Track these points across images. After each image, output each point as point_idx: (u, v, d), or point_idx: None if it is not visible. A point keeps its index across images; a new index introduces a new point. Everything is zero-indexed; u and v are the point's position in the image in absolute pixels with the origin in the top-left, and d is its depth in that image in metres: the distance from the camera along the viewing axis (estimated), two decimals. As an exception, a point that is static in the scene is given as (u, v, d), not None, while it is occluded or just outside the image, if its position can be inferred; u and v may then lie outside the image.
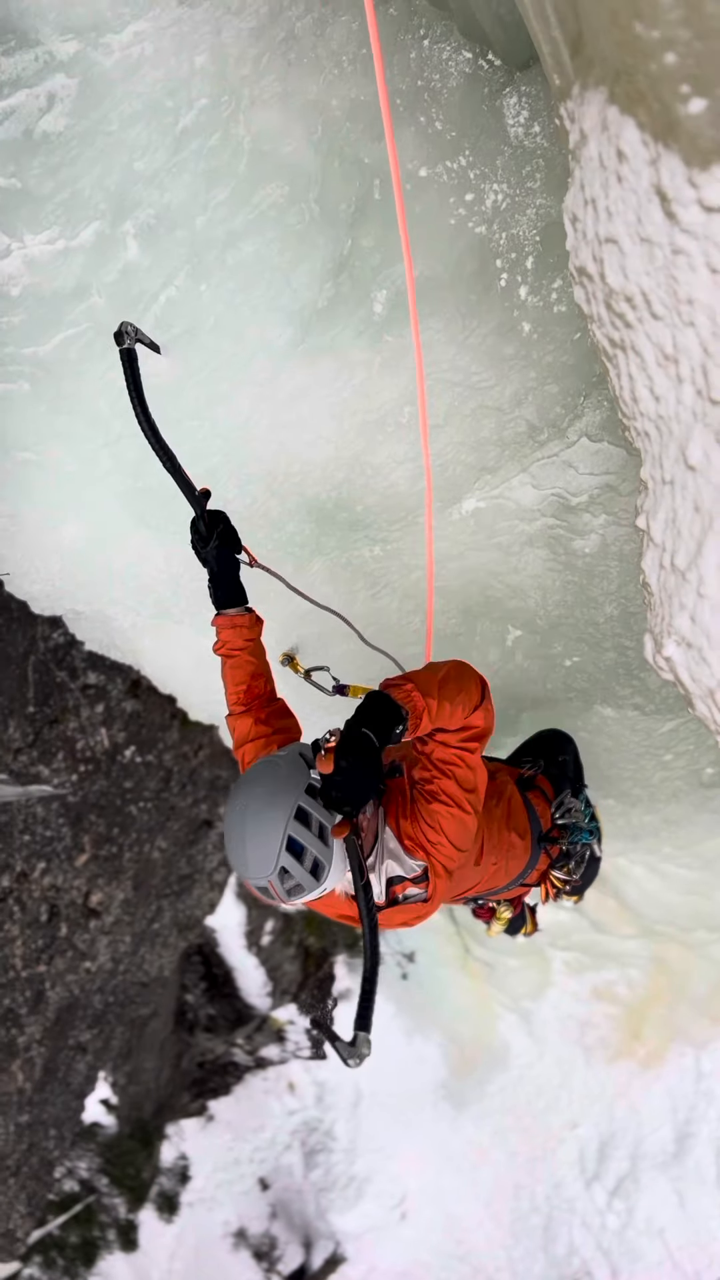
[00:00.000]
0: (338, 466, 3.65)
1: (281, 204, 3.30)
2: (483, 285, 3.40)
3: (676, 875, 8.89)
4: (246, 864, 2.34)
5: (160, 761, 8.31)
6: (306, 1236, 13.70)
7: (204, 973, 12.28)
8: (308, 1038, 12.77)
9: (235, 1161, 13.65)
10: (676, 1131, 12.35)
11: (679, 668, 2.47)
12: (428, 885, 2.66)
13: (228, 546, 3.06)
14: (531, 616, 4.19)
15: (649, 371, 2.36)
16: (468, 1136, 13.40)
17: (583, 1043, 12.56)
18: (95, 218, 3.34)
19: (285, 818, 2.34)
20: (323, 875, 2.36)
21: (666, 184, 2.03)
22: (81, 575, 4.09)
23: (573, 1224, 12.87)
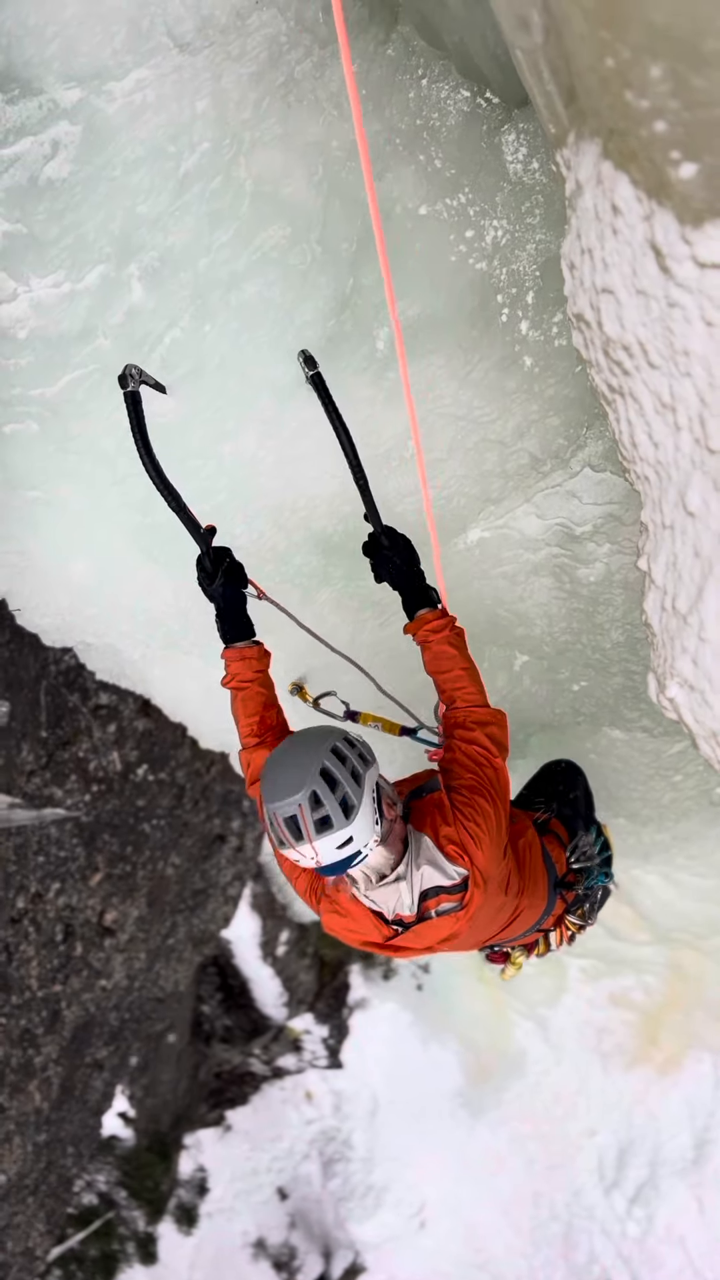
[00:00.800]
0: (344, 500, 3.68)
1: (283, 244, 3.34)
2: (484, 320, 3.43)
3: (691, 884, 8.89)
4: (277, 787, 2.35)
5: (173, 779, 8.35)
6: (326, 1246, 13.69)
7: (220, 984, 12.31)
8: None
9: (253, 1171, 13.66)
10: (695, 1138, 12.32)
11: (682, 709, 2.49)
12: (464, 896, 2.65)
13: (233, 583, 3.10)
14: (538, 643, 4.22)
15: (647, 418, 2.39)
16: (485, 1144, 13.39)
17: (600, 1049, 12.54)
18: (100, 261, 3.38)
19: (322, 750, 2.40)
20: (352, 815, 2.33)
21: (660, 240, 2.05)
22: (90, 610, 4.14)
23: (593, 1232, 12.83)
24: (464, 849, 2.62)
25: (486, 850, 2.66)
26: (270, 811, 2.36)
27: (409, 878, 2.58)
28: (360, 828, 2.36)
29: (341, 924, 2.73)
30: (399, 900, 2.60)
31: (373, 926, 2.68)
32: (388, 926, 2.68)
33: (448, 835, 2.63)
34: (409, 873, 2.58)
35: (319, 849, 2.33)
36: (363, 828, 2.37)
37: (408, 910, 2.62)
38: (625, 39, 1.69)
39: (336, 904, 2.70)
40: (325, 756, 2.38)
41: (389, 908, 2.62)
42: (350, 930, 2.74)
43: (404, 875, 2.57)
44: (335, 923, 2.74)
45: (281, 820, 2.33)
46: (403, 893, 2.58)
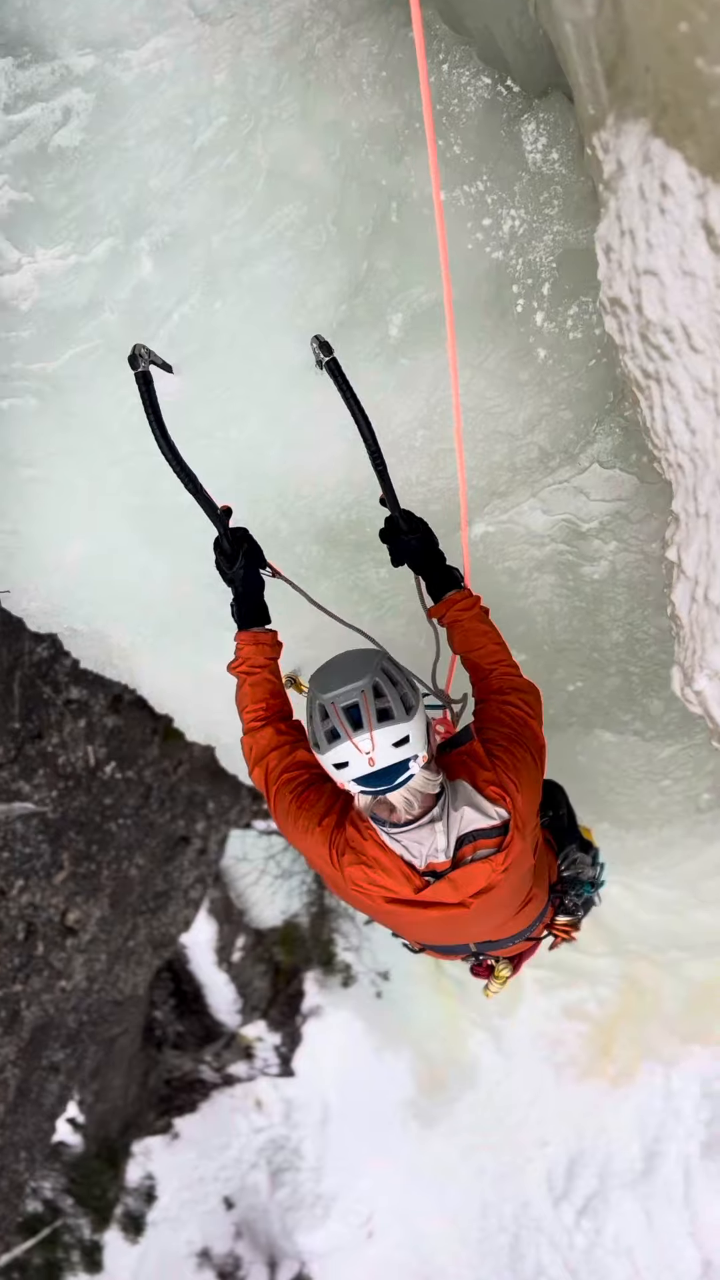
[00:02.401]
0: (349, 489, 3.62)
1: (298, 224, 3.28)
2: (499, 310, 3.39)
3: (652, 895, 8.93)
4: (337, 677, 2.30)
5: (140, 777, 8.23)
6: (271, 1256, 13.56)
7: (173, 989, 12.16)
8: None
9: (200, 1180, 13.49)
10: (645, 1150, 12.36)
11: (710, 702, 2.46)
12: (504, 839, 2.55)
13: (254, 565, 3.04)
14: (538, 641, 4.18)
15: (685, 404, 2.36)
16: (436, 1155, 13.33)
17: (553, 1060, 12.55)
18: (109, 234, 3.30)
19: (379, 657, 2.39)
20: (413, 713, 2.29)
21: (715, 218, 2.02)
22: (83, 593, 4.03)
23: (540, 1243, 12.81)
24: (505, 790, 2.53)
25: (526, 794, 2.59)
26: (326, 702, 2.29)
27: (445, 819, 2.48)
28: (416, 731, 2.30)
29: (367, 876, 2.56)
30: (434, 845, 2.48)
31: (403, 877, 2.54)
32: (419, 877, 2.55)
33: (487, 779, 2.55)
34: (445, 814, 2.48)
35: (378, 740, 2.24)
36: (418, 732, 2.31)
37: (443, 856, 2.50)
38: (705, 1, 1.65)
39: (362, 854, 2.54)
40: (384, 660, 2.36)
41: (422, 855, 2.50)
42: (377, 885, 2.57)
43: (439, 817, 2.47)
44: (360, 875, 2.57)
45: (340, 709, 2.26)
46: (438, 835, 2.47)
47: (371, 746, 2.25)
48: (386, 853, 2.53)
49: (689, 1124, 12.21)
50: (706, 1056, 11.99)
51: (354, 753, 2.26)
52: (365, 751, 2.25)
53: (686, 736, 4.51)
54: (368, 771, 2.29)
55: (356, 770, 2.30)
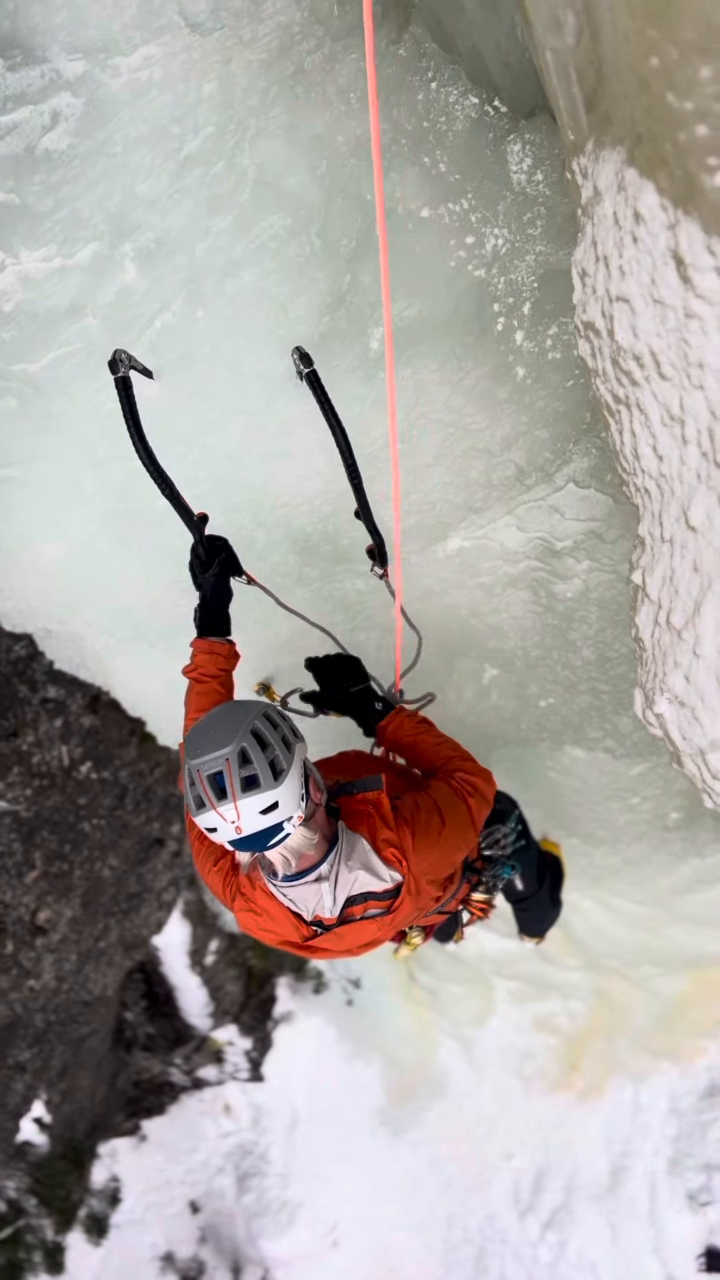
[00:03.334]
0: (325, 500, 3.64)
1: (282, 235, 3.30)
2: (479, 328, 3.41)
3: (625, 910, 8.94)
4: (204, 743, 2.24)
5: (116, 778, 8.21)
6: (235, 1262, 13.47)
7: (145, 991, 12.09)
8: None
9: (166, 1183, 13.40)
10: (611, 1165, 12.36)
11: (669, 725, 2.48)
12: (394, 902, 2.56)
13: (227, 574, 3.06)
14: (510, 656, 4.20)
15: (653, 430, 2.38)
16: (404, 1164, 13.30)
17: (522, 1073, 12.54)
18: (94, 238, 3.30)
19: (253, 712, 2.32)
20: (281, 779, 2.23)
21: (684, 249, 2.05)
22: (57, 595, 4.03)
23: (505, 1256, 12.78)
24: (404, 855, 2.53)
25: (427, 861, 2.59)
26: (193, 769, 2.24)
27: (332, 878, 2.48)
28: (287, 795, 2.25)
29: (257, 923, 2.61)
30: (320, 901, 2.50)
31: (290, 926, 2.58)
32: (306, 927, 2.58)
33: (387, 839, 2.54)
34: (333, 873, 2.48)
35: (242, 810, 2.20)
36: (289, 796, 2.26)
37: (329, 913, 2.52)
38: (675, 38, 1.67)
39: (252, 902, 2.58)
40: (257, 719, 2.30)
41: (308, 908, 2.53)
42: (266, 930, 2.62)
43: (326, 876, 2.47)
44: (250, 921, 2.62)
45: (205, 777, 2.21)
46: (324, 894, 2.48)
47: (237, 816, 2.21)
48: (274, 903, 2.55)
49: (656, 1140, 12.22)
50: (675, 1073, 12.01)
51: (220, 821, 2.23)
52: (231, 821, 2.22)
53: (655, 755, 4.54)
54: (236, 838, 2.26)
55: (225, 836, 2.27)
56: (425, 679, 4.37)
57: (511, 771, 4.86)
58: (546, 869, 4.38)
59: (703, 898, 8.25)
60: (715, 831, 5.75)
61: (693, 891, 7.98)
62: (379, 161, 1.77)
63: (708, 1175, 11.99)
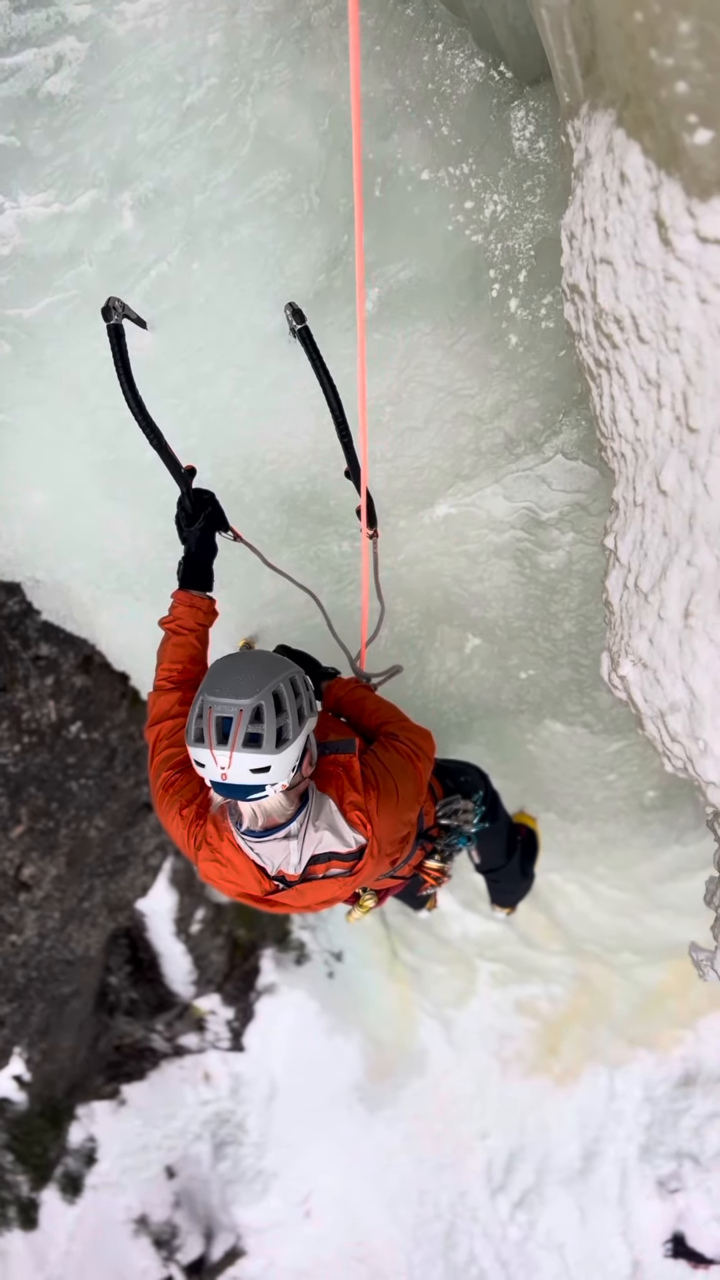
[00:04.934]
0: (314, 459, 3.65)
1: (282, 191, 3.29)
2: (474, 293, 3.42)
3: (608, 896, 8.98)
4: (227, 684, 2.30)
5: (106, 740, 8.23)
6: (208, 1227, 13.60)
7: (129, 956, 12.16)
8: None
9: (143, 1148, 13.51)
10: (584, 1149, 12.45)
11: (633, 687, 2.50)
12: (357, 864, 2.63)
13: (213, 528, 3.08)
14: (491, 626, 4.21)
15: (631, 394, 2.40)
16: (378, 1139, 13.40)
17: (500, 1055, 12.62)
18: (93, 185, 3.30)
19: (282, 673, 2.37)
20: (283, 748, 2.29)
21: (666, 211, 2.06)
22: (44, 543, 4.04)
23: (474, 1233, 12.90)
24: (369, 818, 2.60)
25: (389, 823, 2.65)
26: (206, 704, 2.29)
27: (301, 837, 2.54)
28: (282, 764, 2.32)
29: (219, 873, 2.66)
30: (286, 858, 2.55)
31: (253, 880, 2.64)
32: (269, 881, 2.65)
33: (354, 802, 2.60)
34: (302, 832, 2.53)
35: (235, 761, 2.26)
36: (283, 765, 2.33)
37: (293, 869, 2.58)
38: (657, -9, 1.68)
39: (217, 852, 2.63)
40: (284, 681, 2.35)
41: (273, 863, 2.58)
42: (228, 881, 2.67)
43: (296, 834, 2.53)
44: (213, 871, 2.67)
45: (214, 717, 2.27)
46: (291, 851, 2.54)
47: (229, 764, 2.26)
48: (240, 855, 2.61)
49: (629, 1127, 12.30)
50: (651, 1061, 12.08)
51: (211, 761, 2.28)
52: (221, 766, 2.27)
53: (633, 733, 4.56)
54: (219, 781, 2.32)
55: (209, 775, 2.33)
56: (407, 646, 4.40)
57: (491, 744, 4.88)
58: (518, 842, 4.41)
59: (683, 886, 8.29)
60: (695, 817, 5.78)
61: (674, 879, 8.01)
62: (358, 149, 1.78)
63: (678, 1163, 12.07)
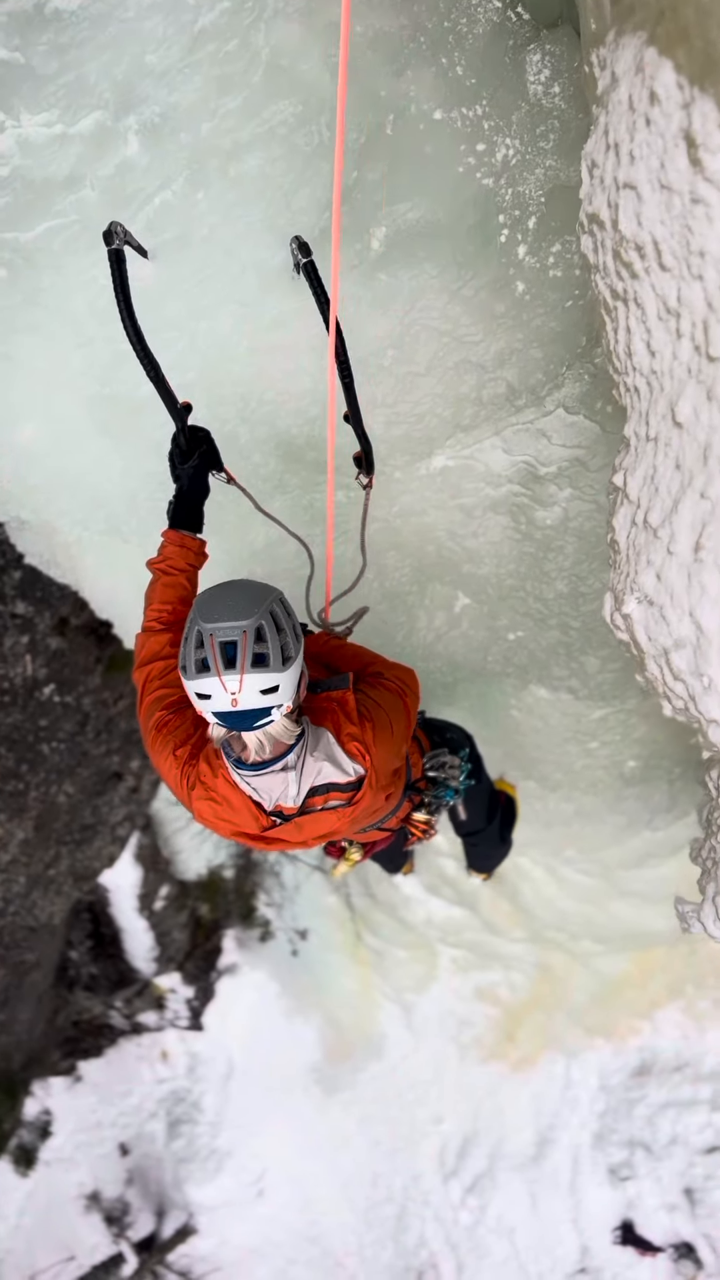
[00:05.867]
0: (313, 401, 3.59)
1: (292, 123, 3.22)
2: (482, 238, 3.37)
3: (575, 881, 9.03)
4: (224, 609, 2.26)
5: (79, 704, 8.15)
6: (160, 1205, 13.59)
7: (91, 930, 12.10)
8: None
9: (98, 1125, 13.48)
10: (538, 1135, 12.55)
11: (636, 626, 2.47)
12: (355, 794, 2.62)
13: (207, 467, 3.02)
14: (483, 584, 4.18)
15: (648, 325, 2.36)
16: (334, 1121, 13.44)
17: (459, 1040, 12.69)
18: (98, 107, 3.21)
19: (273, 596, 2.35)
20: (288, 665, 2.28)
21: (697, 128, 2.02)
22: (33, 479, 3.95)
23: (426, 1216, 12.97)
24: (366, 749, 2.59)
25: (386, 753, 2.66)
26: (206, 631, 2.25)
27: (299, 768, 2.52)
28: (288, 683, 2.30)
29: (214, 811, 2.63)
30: (284, 791, 2.53)
31: (250, 816, 2.61)
32: (266, 817, 2.62)
33: (351, 733, 2.60)
34: (300, 763, 2.52)
35: (246, 684, 2.23)
36: (289, 684, 2.31)
37: (291, 802, 2.56)
38: None
39: (212, 790, 2.60)
40: (275, 603, 2.33)
41: (271, 798, 2.55)
42: (223, 819, 2.64)
43: (293, 765, 2.51)
44: (208, 810, 2.63)
45: (218, 643, 2.23)
46: (290, 783, 2.52)
47: (239, 688, 2.23)
48: (236, 792, 2.58)
49: (583, 1114, 12.42)
50: (608, 1050, 12.20)
51: (219, 689, 2.24)
52: (231, 691, 2.23)
53: (618, 700, 4.55)
54: (228, 710, 2.28)
55: (217, 705, 2.28)
56: (397, 602, 4.35)
57: (475, 708, 4.85)
58: (498, 807, 4.41)
59: (650, 874, 8.36)
60: (669, 797, 5.80)
61: (641, 866, 8.07)
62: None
63: (630, 1151, 12.19)
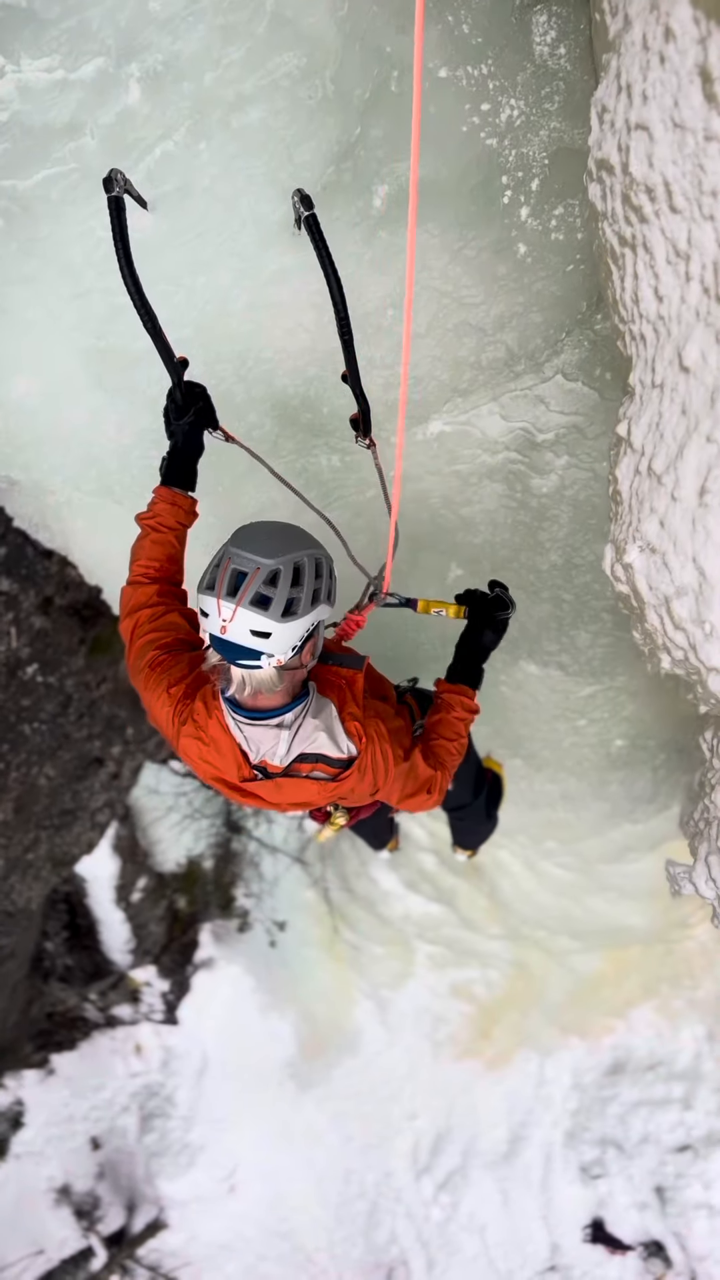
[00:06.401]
0: (311, 360, 3.55)
1: (296, 75, 3.19)
2: (485, 198, 3.35)
3: (553, 875, 9.03)
4: (253, 541, 2.27)
5: (62, 686, 8.07)
6: (131, 1199, 13.50)
7: (68, 921, 12.03)
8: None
9: (69, 1118, 13.38)
10: (511, 1133, 12.55)
11: (637, 575, 2.46)
12: (341, 773, 2.61)
13: (202, 424, 2.99)
14: (477, 554, 4.16)
15: (656, 270, 2.34)
16: (307, 1117, 13.39)
17: (434, 1037, 12.67)
18: (100, 53, 3.17)
19: (312, 550, 2.34)
20: (288, 620, 2.25)
21: (713, 63, 2.01)
22: (25, 436, 3.89)
23: (397, 1213, 12.95)
24: (364, 733, 2.60)
25: (378, 751, 2.66)
26: (228, 552, 2.27)
27: (294, 729, 2.50)
28: (282, 636, 2.27)
29: (200, 752, 2.61)
30: (274, 747, 2.51)
31: (233, 764, 2.60)
32: (249, 768, 2.61)
33: (353, 713, 2.60)
34: (296, 724, 2.50)
35: (238, 617, 2.22)
36: (283, 638, 2.28)
37: (278, 760, 2.54)
38: None
39: (202, 730, 2.58)
40: (309, 558, 2.31)
41: (259, 750, 2.53)
42: (207, 761, 2.63)
43: (289, 725, 2.49)
44: (194, 749, 2.61)
45: (230, 569, 2.23)
46: (281, 740, 2.50)
47: (230, 617, 2.23)
48: (226, 736, 2.56)
49: (556, 1112, 12.43)
50: (582, 1049, 12.22)
51: (214, 611, 2.25)
52: (223, 618, 2.24)
53: (608, 677, 4.54)
54: (217, 635, 2.29)
55: (210, 626, 2.30)
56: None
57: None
58: (485, 784, 4.39)
59: (629, 869, 8.37)
60: (652, 786, 5.79)
61: (620, 861, 8.07)
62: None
63: (602, 1149, 12.22)
